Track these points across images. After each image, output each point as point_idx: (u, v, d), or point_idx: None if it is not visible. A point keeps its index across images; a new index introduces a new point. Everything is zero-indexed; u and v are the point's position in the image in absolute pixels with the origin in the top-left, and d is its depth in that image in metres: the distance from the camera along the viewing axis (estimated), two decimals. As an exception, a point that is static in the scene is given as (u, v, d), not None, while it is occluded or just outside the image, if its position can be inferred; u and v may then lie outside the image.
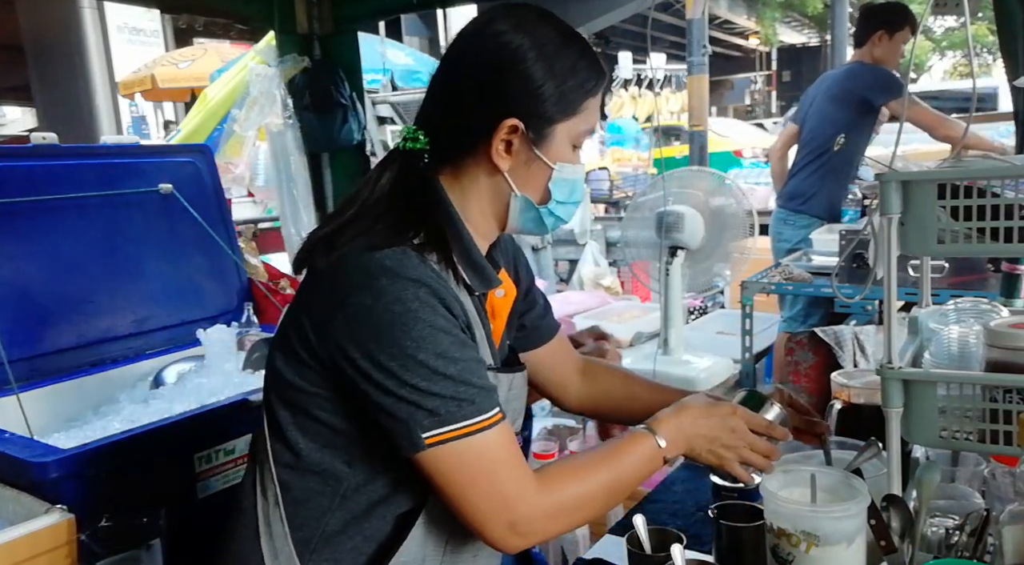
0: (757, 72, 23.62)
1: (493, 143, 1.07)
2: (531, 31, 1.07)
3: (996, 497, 1.20)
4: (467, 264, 1.10)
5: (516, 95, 1.06)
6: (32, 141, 2.10)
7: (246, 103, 2.96)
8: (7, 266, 2.01)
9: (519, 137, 1.07)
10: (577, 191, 1.15)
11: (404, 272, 1.00)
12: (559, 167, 1.10)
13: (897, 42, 3.53)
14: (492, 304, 1.19)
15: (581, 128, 1.11)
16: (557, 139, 1.09)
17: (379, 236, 1.04)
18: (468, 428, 0.98)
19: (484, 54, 1.08)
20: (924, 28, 6.77)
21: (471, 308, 1.10)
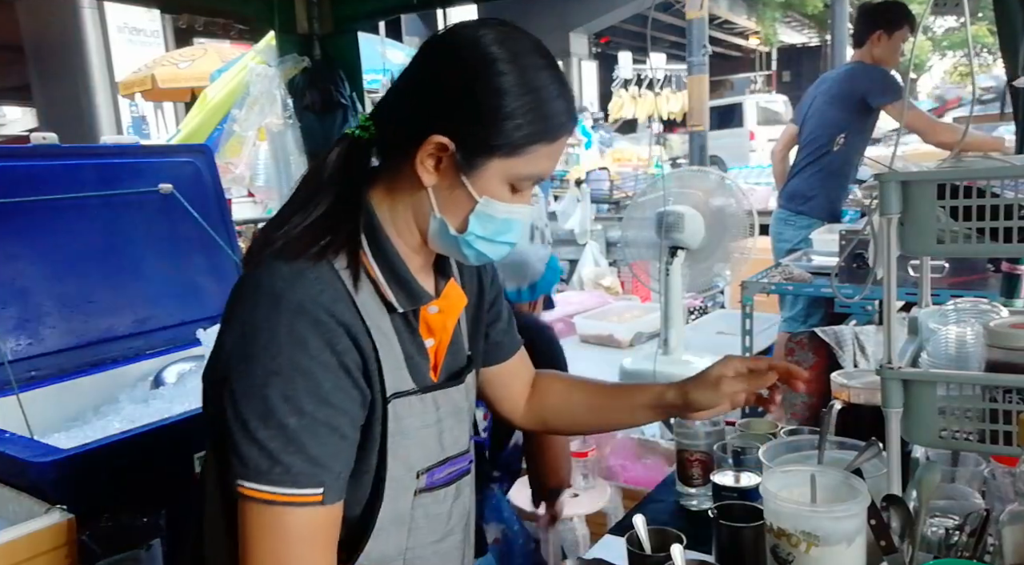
0: (757, 72, 23.60)
1: (419, 155, 0.99)
2: (504, 54, 0.98)
3: (996, 497, 1.20)
4: (392, 279, 1.03)
5: (455, 114, 0.98)
6: (32, 141, 2.10)
7: (246, 103, 2.96)
8: (7, 266, 2.01)
9: (448, 157, 0.99)
10: (508, 232, 1.05)
11: (289, 296, 0.93)
12: (484, 202, 1.00)
13: (896, 41, 3.52)
14: (426, 319, 1.10)
15: (522, 171, 1.00)
16: (490, 173, 0.99)
17: (297, 241, 0.98)
18: (271, 495, 0.90)
19: (439, 62, 1.01)
20: (924, 28, 6.78)
21: (388, 328, 1.03)
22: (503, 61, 0.97)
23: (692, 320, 3.65)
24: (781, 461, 1.26)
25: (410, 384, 1.05)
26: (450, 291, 1.14)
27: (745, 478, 1.35)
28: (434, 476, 1.09)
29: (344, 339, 0.95)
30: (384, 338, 1.01)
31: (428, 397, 1.07)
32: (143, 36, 9.54)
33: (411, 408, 1.04)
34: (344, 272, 0.99)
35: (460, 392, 1.14)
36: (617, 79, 10.67)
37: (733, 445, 1.46)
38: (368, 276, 1.01)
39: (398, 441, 1.03)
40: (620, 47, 14.13)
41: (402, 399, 1.03)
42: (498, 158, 0.99)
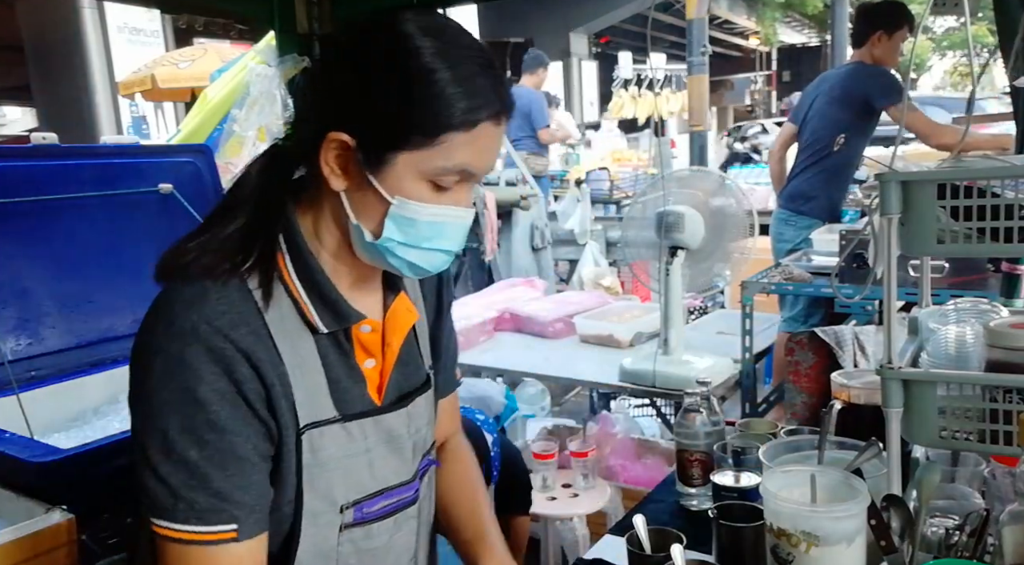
0: (757, 72, 23.60)
1: (321, 156, 0.91)
2: (397, 39, 0.89)
3: (996, 497, 1.20)
4: (315, 297, 0.95)
5: (352, 106, 0.90)
6: (32, 141, 2.10)
7: (246, 103, 2.96)
8: (7, 266, 2.01)
9: (352, 156, 0.91)
10: (437, 237, 0.94)
11: (183, 320, 0.86)
12: (399, 203, 0.91)
13: (896, 42, 3.52)
14: (359, 340, 1.01)
15: (437, 164, 0.90)
16: (399, 169, 0.90)
17: (209, 257, 0.91)
18: (179, 534, 0.86)
19: (336, 51, 0.95)
20: (924, 28, 6.78)
21: (308, 352, 0.95)
22: (398, 45, 0.89)
23: (692, 320, 3.64)
24: (781, 461, 1.26)
25: (331, 412, 0.96)
26: (398, 307, 1.06)
27: (745, 478, 1.35)
28: (364, 510, 1.01)
29: (243, 367, 0.88)
30: (300, 363, 0.94)
31: (354, 425, 0.98)
32: (143, 36, 9.53)
33: (332, 438, 0.96)
34: (257, 292, 0.92)
35: (400, 418, 1.05)
36: (617, 79, 10.67)
37: (733, 445, 1.46)
38: (291, 295, 0.94)
39: (315, 473, 0.95)
40: (620, 47, 14.13)
41: (319, 429, 0.95)
42: (406, 152, 0.89)
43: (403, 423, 1.06)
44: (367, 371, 1.02)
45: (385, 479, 1.03)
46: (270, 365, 0.91)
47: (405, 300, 1.08)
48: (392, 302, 1.06)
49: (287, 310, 0.94)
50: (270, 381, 0.90)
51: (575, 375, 2.80)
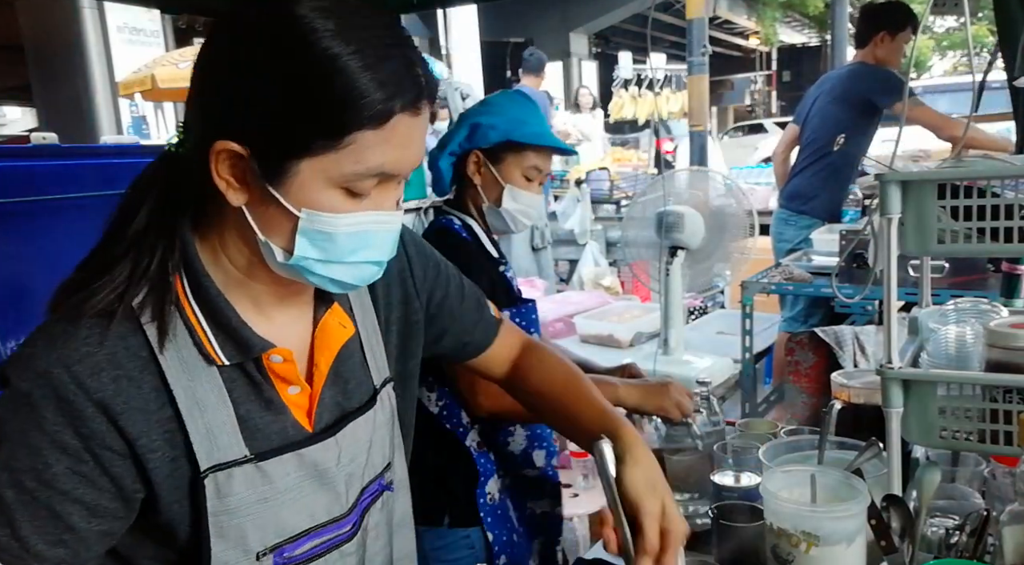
0: (757, 72, 23.60)
1: (212, 168, 0.78)
2: (284, 30, 0.75)
3: (996, 497, 1.20)
4: (215, 327, 0.84)
5: (238, 111, 0.77)
6: (32, 141, 2.11)
7: (246, 103, 2.96)
8: (7, 266, 2.02)
9: (247, 166, 0.78)
10: (363, 248, 0.83)
11: (38, 360, 0.77)
12: (308, 215, 0.79)
13: (900, 42, 3.53)
14: (272, 369, 0.88)
15: (347, 169, 0.78)
16: (303, 178, 0.78)
17: (94, 288, 0.82)
18: None
19: (216, 47, 0.81)
20: (924, 28, 6.76)
21: (208, 389, 0.83)
22: (287, 31, 0.75)
23: (692, 320, 3.65)
24: (781, 461, 1.26)
25: (239, 452, 0.84)
26: (328, 322, 0.94)
27: (745, 478, 1.35)
28: (286, 554, 0.89)
29: (94, 422, 0.77)
30: (196, 402, 0.82)
31: (270, 464, 0.86)
32: (143, 36, 9.53)
33: (243, 480, 0.84)
34: (150, 326, 0.81)
35: (328, 449, 0.91)
36: (617, 79, 10.67)
37: (733, 445, 1.46)
38: (189, 325, 0.83)
39: (223, 520, 0.83)
40: (620, 47, 14.14)
41: (224, 471, 0.83)
42: (307, 158, 0.77)
43: (331, 455, 0.92)
44: (291, 398, 0.90)
45: (312, 517, 0.91)
46: (140, 413, 0.80)
47: (337, 313, 0.95)
48: (323, 316, 0.94)
49: (184, 343, 0.83)
50: (136, 432, 0.79)
51: (575, 375, 2.80)
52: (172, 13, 9.04)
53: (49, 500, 0.77)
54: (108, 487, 0.80)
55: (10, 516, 0.77)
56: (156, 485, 0.82)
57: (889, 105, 3.51)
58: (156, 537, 0.86)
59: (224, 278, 0.86)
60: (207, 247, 0.86)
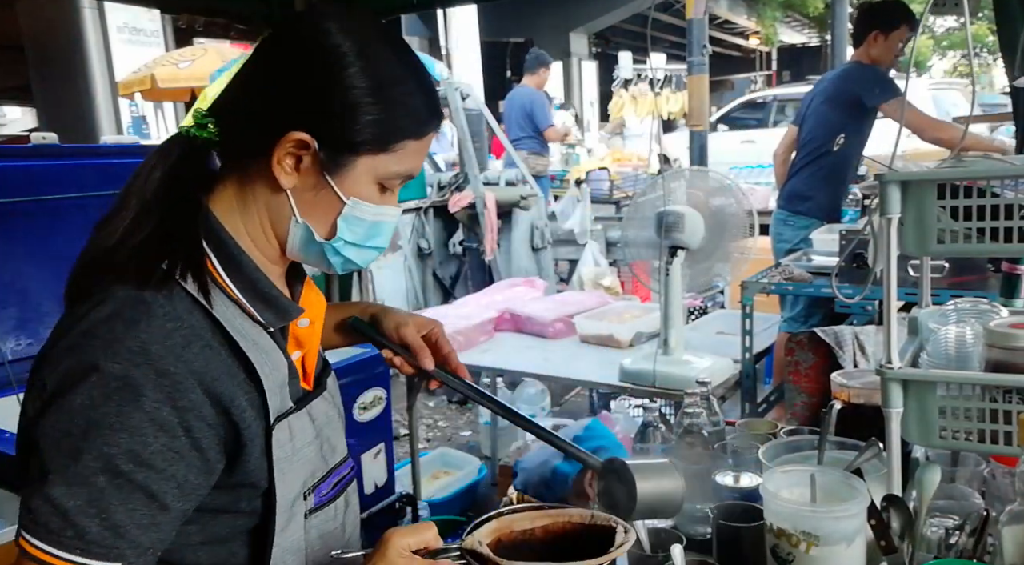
0: (757, 72, 23.59)
1: (276, 154, 0.89)
2: (362, 43, 0.90)
3: (996, 497, 1.20)
4: (254, 296, 0.92)
5: (317, 108, 0.89)
6: (32, 141, 2.10)
7: (246, 103, 2.96)
8: (7, 266, 2.02)
9: (310, 156, 0.89)
10: (378, 235, 0.97)
11: (131, 337, 0.80)
12: (353, 203, 0.93)
13: (893, 41, 3.50)
14: (295, 334, 1.01)
15: (392, 169, 0.93)
16: (358, 172, 0.92)
17: (134, 264, 0.86)
18: (54, 561, 0.77)
19: (299, 49, 0.91)
20: (924, 28, 6.77)
21: (267, 345, 0.93)
22: (372, 51, 0.91)
23: (692, 320, 3.65)
24: (781, 461, 1.26)
25: (289, 403, 0.95)
26: (308, 293, 1.06)
27: (745, 478, 1.35)
28: (321, 492, 1.01)
29: (193, 392, 0.82)
30: (265, 359, 0.91)
31: (304, 412, 0.98)
32: (143, 36, 9.53)
33: (294, 427, 0.95)
34: (199, 297, 0.87)
35: (327, 400, 1.05)
36: (617, 79, 10.68)
37: (733, 445, 1.46)
38: (227, 296, 0.91)
39: (284, 466, 0.93)
40: (620, 47, 14.13)
41: (284, 420, 0.93)
42: (366, 156, 0.91)
43: (330, 403, 1.07)
44: (295, 361, 1.01)
45: (331, 458, 1.04)
46: (228, 378, 0.86)
47: (313, 286, 1.08)
48: (301, 291, 1.05)
49: (233, 311, 0.91)
50: (229, 395, 0.86)
51: (575, 375, 2.80)
52: (172, 13, 9.04)
53: (146, 480, 0.80)
54: (196, 462, 0.84)
55: (104, 504, 0.78)
56: (248, 443, 0.88)
57: (878, 105, 3.49)
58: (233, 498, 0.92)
59: (254, 256, 0.95)
60: (229, 226, 0.93)
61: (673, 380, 2.43)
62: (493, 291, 3.68)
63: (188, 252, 0.89)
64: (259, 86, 0.93)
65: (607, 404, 3.58)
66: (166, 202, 0.91)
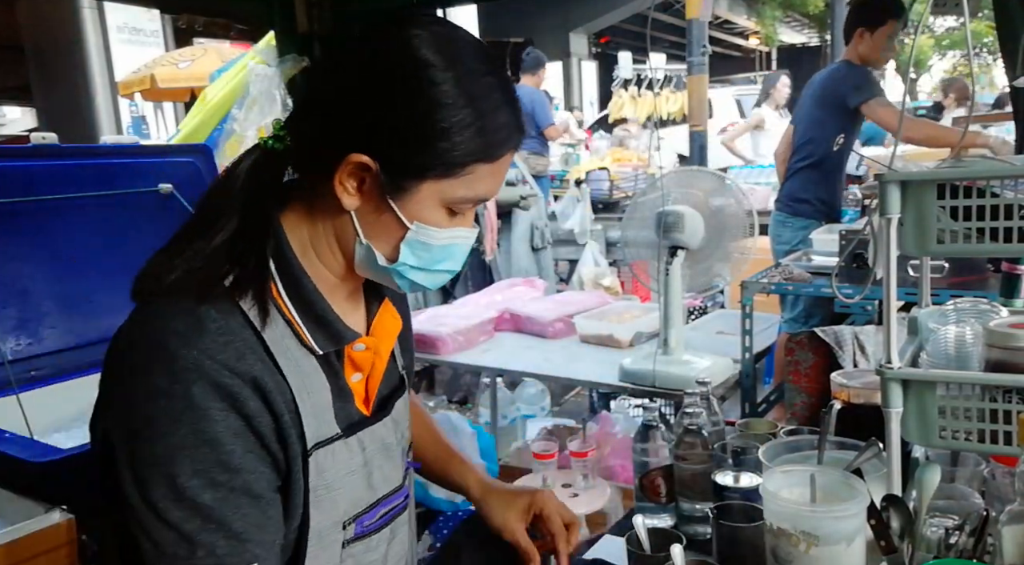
0: (757, 72, 23.59)
1: (338, 175, 0.87)
2: (447, 57, 0.85)
3: (996, 497, 1.20)
4: (309, 318, 0.91)
5: (381, 128, 0.85)
6: (32, 141, 2.10)
7: (246, 103, 2.96)
8: (7, 266, 2.02)
9: (372, 178, 0.87)
10: (447, 259, 0.93)
11: (184, 355, 0.80)
12: (417, 228, 0.89)
13: (880, 38, 3.44)
14: (351, 357, 0.98)
15: (459, 194, 0.89)
16: (422, 196, 0.88)
17: (196, 275, 0.86)
18: None
19: (373, 63, 0.87)
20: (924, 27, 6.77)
21: (310, 370, 0.91)
22: (437, 68, 0.85)
23: (692, 320, 3.65)
24: (781, 461, 1.26)
25: (334, 429, 0.93)
26: (384, 314, 1.04)
27: (745, 478, 1.35)
28: (364, 523, 0.98)
29: (253, 400, 0.84)
30: (304, 383, 0.90)
31: (353, 440, 0.96)
32: (143, 36, 9.54)
33: (335, 456, 0.93)
34: (252, 312, 0.86)
35: (387, 426, 1.03)
36: (617, 79, 10.67)
37: (733, 445, 1.46)
38: (282, 315, 0.90)
39: (322, 494, 0.92)
40: (620, 47, 14.13)
41: (324, 448, 0.92)
42: (430, 180, 0.87)
43: (391, 430, 1.04)
44: (354, 385, 0.99)
45: (381, 488, 1.01)
46: (278, 393, 0.86)
47: (390, 307, 1.06)
48: (377, 310, 1.04)
49: (283, 330, 0.89)
50: (279, 410, 0.86)
51: (575, 375, 2.80)
52: (172, 13, 9.04)
53: (244, 484, 0.82)
54: (270, 463, 0.86)
55: (218, 518, 0.81)
56: (290, 460, 0.88)
57: (858, 105, 3.44)
58: None
59: (312, 273, 0.93)
60: (296, 242, 0.92)
61: (673, 380, 2.43)
62: (493, 291, 3.68)
63: (253, 272, 0.88)
64: (327, 100, 0.89)
65: (607, 404, 3.58)
66: (240, 212, 0.90)
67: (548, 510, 1.18)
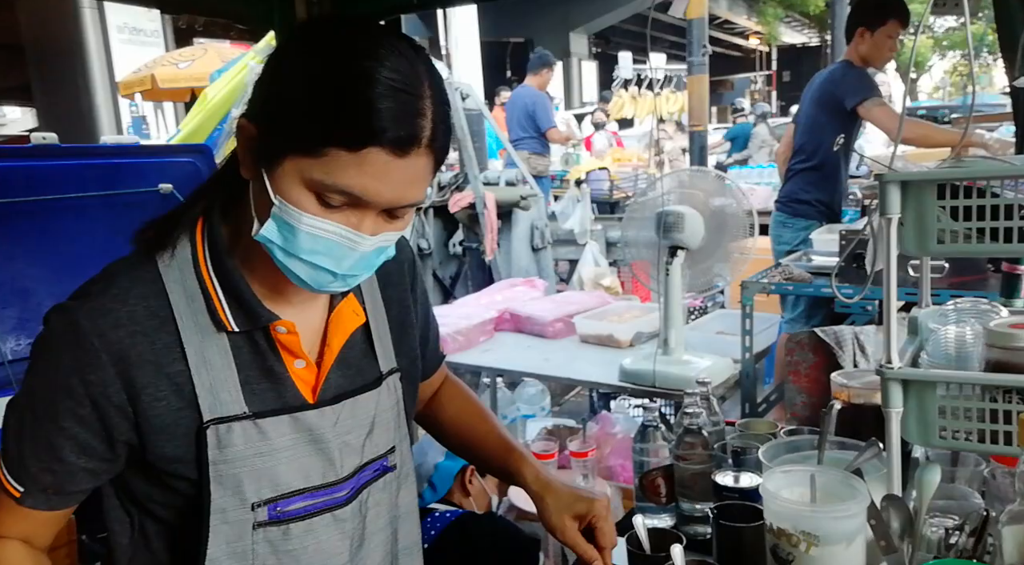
0: (757, 72, 23.60)
1: (239, 144, 0.93)
2: (333, 43, 0.87)
3: (996, 497, 1.20)
4: (228, 296, 0.96)
5: (257, 98, 0.92)
6: (32, 141, 2.10)
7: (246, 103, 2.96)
8: (7, 266, 2.01)
9: (254, 147, 0.91)
10: (316, 253, 0.90)
11: (80, 306, 0.92)
12: (280, 204, 0.88)
13: (881, 38, 3.43)
14: (278, 340, 0.99)
15: (318, 177, 0.85)
16: (285, 171, 0.87)
17: (152, 239, 0.97)
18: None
19: (284, 44, 0.96)
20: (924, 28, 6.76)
21: (216, 349, 0.95)
22: (320, 52, 0.87)
23: (692, 320, 3.65)
24: (781, 461, 1.26)
25: (239, 408, 0.95)
26: (343, 309, 1.05)
27: (745, 478, 1.35)
28: (279, 508, 0.98)
29: (104, 371, 0.91)
30: (204, 361, 0.94)
31: (267, 423, 0.97)
32: (143, 36, 9.55)
33: (237, 435, 0.95)
34: (174, 288, 0.95)
35: (325, 417, 1.01)
36: (617, 79, 10.68)
37: (733, 445, 1.46)
38: (204, 290, 0.96)
39: (222, 469, 0.95)
40: (620, 47, 14.13)
41: (225, 424, 0.94)
42: (291, 156, 0.86)
43: (327, 422, 1.02)
44: (297, 372, 1.01)
45: (306, 478, 1.00)
46: (151, 365, 0.93)
47: (352, 302, 1.06)
48: (338, 303, 1.05)
49: (200, 308, 0.96)
50: (144, 382, 0.92)
51: (575, 375, 2.80)
52: (172, 13, 9.04)
53: (48, 432, 0.93)
54: (100, 431, 0.94)
55: (22, 434, 0.95)
56: (157, 430, 0.94)
57: (855, 107, 3.43)
58: (165, 483, 0.98)
59: (244, 256, 0.98)
60: (230, 227, 0.99)
61: (673, 380, 2.43)
62: (493, 291, 3.68)
63: (184, 248, 0.97)
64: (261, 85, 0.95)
65: (607, 404, 3.58)
66: (199, 193, 1.01)
67: (603, 525, 1.19)
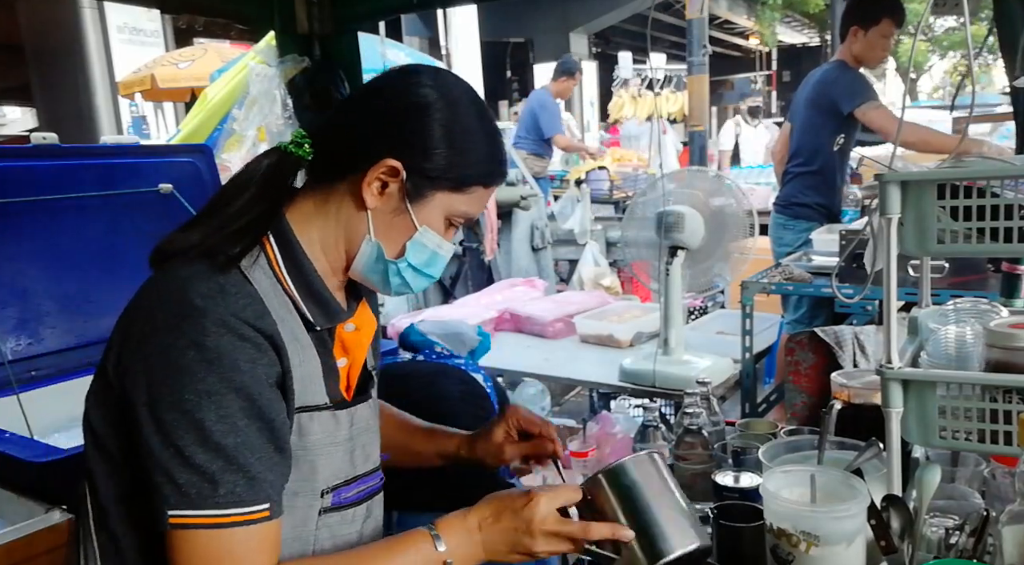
0: (757, 72, 23.57)
1: (368, 175, 1.02)
2: (450, 97, 1.05)
3: (996, 497, 1.20)
4: (307, 295, 1.04)
5: (410, 141, 1.03)
6: (32, 141, 2.10)
7: (246, 103, 2.96)
8: (7, 266, 2.01)
9: (397, 183, 1.03)
10: (434, 266, 1.09)
11: (214, 309, 0.91)
12: (423, 230, 1.06)
13: (875, 37, 3.37)
14: (341, 338, 1.12)
15: (460, 208, 1.07)
16: (433, 204, 1.05)
17: (216, 247, 0.98)
18: (218, 518, 0.89)
19: (398, 94, 1.06)
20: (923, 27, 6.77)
21: (305, 341, 1.03)
22: (458, 106, 1.05)
23: (692, 320, 3.65)
24: (781, 461, 1.26)
25: (323, 399, 1.04)
26: (363, 312, 1.16)
27: (745, 478, 1.35)
28: (342, 495, 1.07)
29: (269, 353, 0.95)
30: (299, 350, 1.00)
31: (342, 414, 1.07)
32: (143, 36, 9.53)
33: (320, 424, 1.03)
34: (262, 283, 0.99)
35: (370, 408, 1.15)
36: (617, 79, 10.67)
37: (733, 445, 1.46)
38: (284, 291, 1.02)
39: (299, 455, 1.00)
40: (620, 47, 14.13)
41: (309, 414, 1.02)
42: (444, 191, 1.05)
43: (373, 412, 1.16)
44: (339, 369, 1.10)
45: (361, 466, 1.11)
46: (284, 352, 0.97)
47: (367, 307, 1.18)
48: (357, 308, 1.15)
49: (283, 302, 1.01)
50: (286, 366, 0.97)
51: (575, 375, 2.80)
52: (172, 13, 9.04)
53: (262, 431, 0.92)
54: (284, 411, 0.97)
55: (239, 461, 0.90)
56: (290, 413, 0.99)
57: (851, 111, 3.38)
58: None
59: (314, 260, 1.06)
60: (303, 233, 1.05)
61: (673, 380, 2.43)
62: (493, 291, 3.68)
63: (261, 250, 1.01)
64: (360, 118, 1.06)
65: (607, 404, 3.57)
66: (256, 201, 1.03)
67: (523, 415, 1.32)
